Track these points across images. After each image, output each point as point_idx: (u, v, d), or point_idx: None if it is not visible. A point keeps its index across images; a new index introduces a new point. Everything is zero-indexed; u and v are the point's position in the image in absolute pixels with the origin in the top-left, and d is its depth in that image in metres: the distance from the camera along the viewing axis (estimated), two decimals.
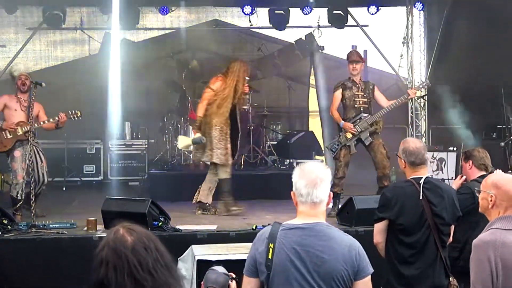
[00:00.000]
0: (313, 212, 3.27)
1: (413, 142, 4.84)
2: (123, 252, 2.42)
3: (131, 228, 2.51)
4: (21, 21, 13.19)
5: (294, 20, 13.15)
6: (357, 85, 8.77)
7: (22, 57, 13.36)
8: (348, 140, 8.65)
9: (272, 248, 3.21)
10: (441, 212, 4.62)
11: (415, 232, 4.62)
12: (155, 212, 7.24)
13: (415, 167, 4.73)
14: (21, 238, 6.98)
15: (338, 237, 3.24)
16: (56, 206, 9.60)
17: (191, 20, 13.87)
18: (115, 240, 2.46)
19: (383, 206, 4.74)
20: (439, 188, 4.71)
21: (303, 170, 3.32)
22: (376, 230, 4.80)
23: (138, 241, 2.45)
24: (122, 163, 12.54)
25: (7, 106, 8.51)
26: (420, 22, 13.61)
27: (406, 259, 4.64)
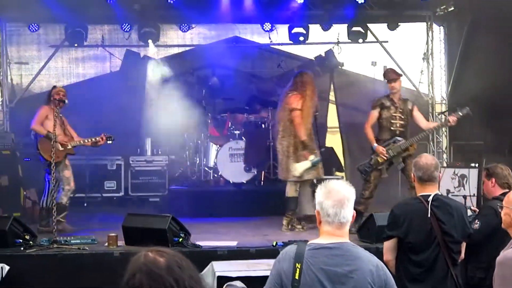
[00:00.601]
0: (338, 232, 3.24)
1: (425, 158, 4.80)
2: (158, 274, 2.39)
3: (160, 250, 2.50)
4: (44, 39, 13.36)
5: (314, 36, 13.18)
6: (395, 104, 8.56)
7: (45, 74, 13.51)
8: (380, 164, 8.52)
9: (299, 268, 3.16)
10: (450, 230, 4.57)
11: (424, 250, 4.58)
12: (176, 228, 7.26)
13: (422, 183, 4.70)
14: (43, 254, 7.02)
15: (365, 257, 3.21)
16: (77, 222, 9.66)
17: (211, 37, 13.95)
18: (147, 263, 2.44)
19: (392, 224, 4.72)
20: (448, 205, 4.66)
21: (329, 190, 3.26)
22: (385, 248, 4.78)
23: (171, 261, 2.44)
24: (142, 179, 12.59)
25: (48, 118, 8.72)
26: (441, 38, 13.59)
27: (416, 277, 4.60)
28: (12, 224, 7.14)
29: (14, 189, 10.24)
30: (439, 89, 13.64)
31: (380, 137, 8.65)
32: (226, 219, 9.66)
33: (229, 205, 10.22)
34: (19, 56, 13.46)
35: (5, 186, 10.11)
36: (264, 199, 10.59)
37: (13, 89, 13.19)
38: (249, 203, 10.45)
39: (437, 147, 13.25)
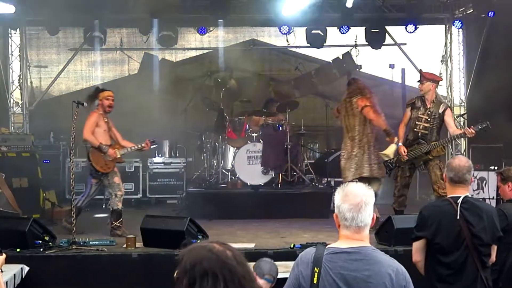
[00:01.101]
0: (357, 236, 3.21)
1: (459, 159, 4.75)
2: (231, 264, 2.41)
3: (224, 243, 2.52)
4: (63, 42, 13.50)
5: (332, 39, 13.17)
6: (426, 106, 8.48)
7: (64, 77, 13.66)
8: (402, 162, 8.55)
9: (318, 272, 3.14)
10: (480, 233, 4.52)
11: (452, 251, 4.54)
12: (194, 230, 7.28)
13: (453, 185, 4.66)
14: (62, 255, 7.07)
15: (385, 261, 3.17)
16: (96, 223, 9.73)
17: (229, 40, 14.01)
18: (219, 253, 2.44)
19: (420, 225, 4.69)
20: (478, 208, 4.61)
21: (347, 193, 3.22)
22: (414, 249, 4.75)
23: (238, 255, 2.47)
24: (160, 181, 12.65)
25: (98, 125, 8.73)
26: (459, 40, 13.53)
27: (445, 278, 4.56)
28: (31, 225, 7.20)
29: (34, 191, 10.32)
30: (458, 92, 13.57)
31: (408, 136, 8.67)
32: (244, 221, 9.66)
33: (246, 207, 10.22)
34: (39, 59, 13.61)
35: (24, 188, 10.19)
36: (281, 201, 10.59)
37: (32, 92, 13.32)
38: (266, 206, 10.46)
39: (455, 149, 13.18)
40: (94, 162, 8.66)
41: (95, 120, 8.69)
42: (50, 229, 7.70)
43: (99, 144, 8.60)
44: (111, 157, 8.66)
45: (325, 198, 10.75)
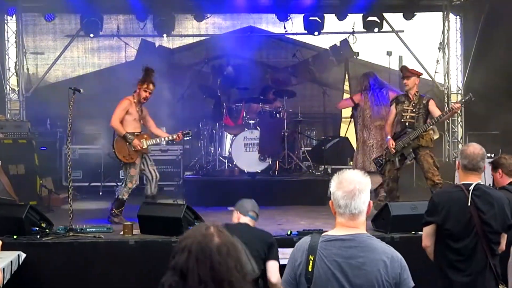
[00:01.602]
0: (352, 223, 3.21)
1: (473, 147, 4.75)
2: (209, 248, 2.52)
3: (221, 231, 2.61)
4: (59, 29, 13.45)
5: (329, 26, 13.14)
6: (410, 99, 8.76)
7: (60, 64, 13.61)
8: (392, 155, 8.75)
9: (312, 260, 3.14)
10: (490, 220, 4.53)
11: (462, 238, 4.57)
12: (190, 217, 7.28)
13: (466, 172, 4.68)
14: (59, 242, 7.06)
15: (380, 248, 3.18)
16: (93, 210, 9.73)
17: (226, 27, 13.96)
18: (205, 235, 2.56)
19: (431, 210, 4.71)
20: (490, 195, 4.62)
21: (341, 180, 3.22)
22: (424, 234, 4.78)
23: (224, 245, 2.54)
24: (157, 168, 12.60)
25: (128, 112, 8.63)
26: (457, 27, 13.52)
27: (455, 264, 4.60)
28: (28, 212, 7.19)
29: (31, 178, 10.30)
30: (455, 79, 13.59)
31: (396, 130, 8.92)
32: None
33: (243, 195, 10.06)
34: (35, 46, 13.55)
35: (21, 175, 10.17)
36: (278, 188, 10.60)
37: (29, 78, 13.28)
38: (263, 193, 10.43)
39: (452, 137, 13.20)
40: (117, 151, 8.57)
41: (125, 107, 8.59)
42: (47, 216, 7.69)
43: (124, 134, 8.48)
44: (136, 147, 8.55)
45: (322, 185, 10.75)
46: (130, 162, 8.57)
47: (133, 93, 8.73)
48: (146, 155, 8.84)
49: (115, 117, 8.54)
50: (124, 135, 8.49)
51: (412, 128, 8.64)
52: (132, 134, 8.53)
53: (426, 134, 8.61)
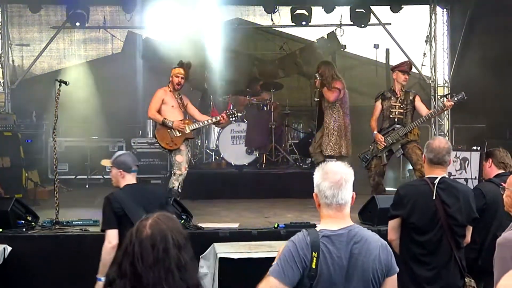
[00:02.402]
0: (339, 214, 3.21)
1: (439, 141, 4.76)
2: (133, 242, 2.59)
3: (159, 222, 2.64)
4: (45, 20, 13.34)
5: (316, 18, 13.12)
6: (396, 95, 8.75)
7: (46, 56, 13.51)
8: (379, 151, 8.72)
9: (316, 257, 3.12)
10: (455, 213, 4.56)
11: (427, 231, 4.58)
12: (178, 210, 7.27)
13: (432, 165, 4.69)
14: (45, 235, 7.04)
15: (371, 237, 3.22)
16: (79, 203, 9.69)
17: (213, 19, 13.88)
18: (138, 226, 2.64)
19: (396, 204, 4.73)
20: (455, 188, 4.65)
21: (326, 171, 3.23)
22: (389, 227, 4.80)
23: (150, 238, 2.59)
24: (144, 161, 12.60)
25: (164, 102, 8.60)
26: (444, 20, 13.54)
27: (419, 257, 4.61)
28: (14, 205, 7.15)
29: (16, 171, 10.25)
30: (442, 72, 13.62)
31: (382, 126, 8.86)
32: (228, 201, 9.67)
33: (230, 187, 10.25)
34: (20, 37, 13.44)
35: (7, 168, 10.12)
36: (265, 181, 10.62)
37: (14, 70, 13.18)
38: (250, 186, 10.47)
39: (438, 130, 13.24)
40: (160, 139, 8.56)
41: (159, 97, 8.60)
42: (33, 209, 7.66)
43: (163, 120, 8.47)
44: (179, 132, 8.49)
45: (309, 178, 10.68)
46: (175, 148, 8.49)
47: (168, 83, 8.73)
48: (190, 144, 8.81)
49: (150, 108, 8.59)
50: (162, 121, 8.48)
51: (401, 124, 8.64)
52: (170, 120, 8.48)
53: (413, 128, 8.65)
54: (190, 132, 8.65)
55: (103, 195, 10.33)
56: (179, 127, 8.48)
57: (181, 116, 8.67)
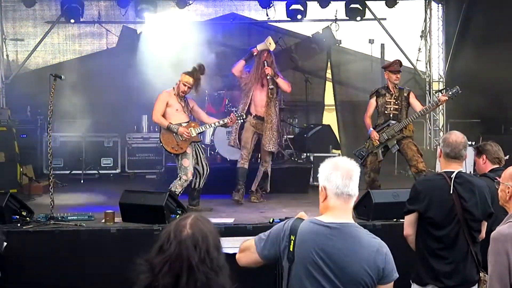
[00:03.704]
0: (345, 206, 3.19)
1: (455, 135, 4.76)
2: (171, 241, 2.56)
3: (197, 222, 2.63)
4: (40, 15, 13.29)
5: (312, 13, 13.11)
6: (390, 92, 8.79)
7: (41, 51, 13.47)
8: (375, 147, 8.75)
9: (294, 240, 3.15)
10: (471, 208, 4.56)
11: (444, 226, 4.59)
12: (173, 205, 7.26)
13: (448, 160, 4.69)
14: (40, 230, 7.02)
15: (366, 241, 3.17)
16: (74, 198, 9.68)
17: (208, 14, 13.87)
18: (176, 226, 2.61)
19: (413, 199, 4.72)
20: (471, 183, 4.64)
21: (337, 163, 3.22)
22: (406, 223, 4.79)
23: (192, 237, 2.57)
24: (139, 156, 12.62)
25: (168, 105, 8.48)
26: (439, 15, 13.56)
27: (436, 252, 4.62)
28: (9, 200, 7.13)
29: (11, 166, 10.23)
30: (437, 67, 13.64)
31: (377, 122, 8.90)
32: (223, 196, 9.66)
33: (225, 183, 10.21)
34: (15, 32, 13.39)
35: (1, 163, 10.10)
36: None
37: (9, 65, 13.13)
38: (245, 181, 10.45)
39: (433, 125, 13.27)
40: (165, 143, 8.44)
41: (163, 100, 8.47)
42: (28, 204, 7.64)
43: (168, 125, 8.35)
44: (184, 136, 8.39)
45: (304, 173, 10.79)
46: (181, 152, 8.40)
47: (173, 86, 8.63)
48: (199, 146, 8.73)
49: (155, 111, 8.49)
50: (167, 126, 8.35)
51: (397, 120, 8.68)
52: (178, 125, 8.39)
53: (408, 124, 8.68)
54: (196, 136, 8.53)
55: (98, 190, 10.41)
56: (184, 134, 8.36)
57: (186, 119, 8.56)
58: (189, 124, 8.52)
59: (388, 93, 8.79)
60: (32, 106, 12.45)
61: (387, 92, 8.80)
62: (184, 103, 8.59)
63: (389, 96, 8.77)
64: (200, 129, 8.60)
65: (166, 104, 8.46)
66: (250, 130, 9.36)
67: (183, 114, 8.55)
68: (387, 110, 8.75)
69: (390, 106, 8.73)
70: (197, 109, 8.84)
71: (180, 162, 8.41)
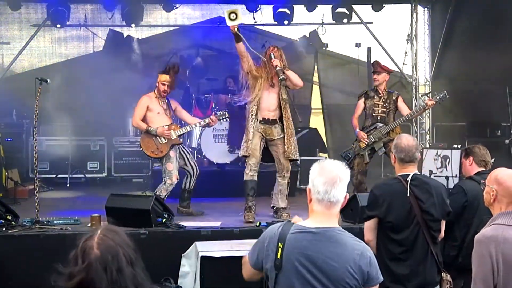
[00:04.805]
0: (328, 212, 3.18)
1: (406, 139, 4.82)
2: (79, 266, 2.38)
3: (104, 239, 2.40)
4: (25, 18, 13.21)
5: (298, 17, 13.15)
6: (379, 94, 8.80)
7: (27, 54, 13.39)
8: (362, 149, 8.76)
9: (281, 248, 3.14)
10: (430, 209, 4.63)
11: (404, 229, 4.63)
12: (159, 208, 7.25)
13: (403, 164, 4.75)
14: (25, 234, 6.98)
15: (350, 244, 3.16)
16: (60, 202, 9.63)
17: (195, 17, 13.87)
18: (83, 247, 2.40)
19: (372, 204, 4.76)
20: (427, 184, 4.72)
21: (323, 167, 3.20)
22: (366, 228, 4.82)
23: (100, 258, 2.35)
24: (126, 160, 12.56)
25: (149, 109, 8.45)
26: (425, 19, 13.63)
27: (397, 256, 4.65)
28: None
29: None
30: (423, 71, 13.70)
31: (364, 124, 8.90)
32: (210, 200, 9.65)
33: (212, 186, 10.21)
34: (0, 35, 13.32)
35: None
36: None
37: None
38: (232, 184, 10.42)
39: (420, 128, 13.32)
40: (145, 148, 8.42)
41: (143, 104, 8.45)
42: (13, 208, 7.59)
43: (146, 127, 8.33)
44: (164, 139, 8.34)
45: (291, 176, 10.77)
46: (161, 156, 8.37)
47: (154, 89, 8.60)
48: (184, 148, 8.70)
49: (134, 116, 8.47)
50: (146, 129, 8.33)
51: (384, 123, 8.70)
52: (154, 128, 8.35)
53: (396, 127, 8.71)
54: (177, 138, 8.49)
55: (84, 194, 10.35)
56: (164, 134, 8.33)
57: (168, 122, 8.52)
58: (169, 126, 8.49)
59: (377, 95, 8.80)
60: (17, 109, 12.39)
61: (376, 94, 8.82)
62: (166, 105, 8.57)
63: (377, 99, 8.78)
64: (180, 131, 8.57)
65: (146, 109, 8.45)
66: (257, 136, 8.14)
67: (165, 116, 8.54)
68: (375, 113, 8.77)
69: (378, 109, 8.75)
70: (180, 110, 8.84)
71: (164, 166, 8.39)
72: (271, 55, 8.10)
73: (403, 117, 8.73)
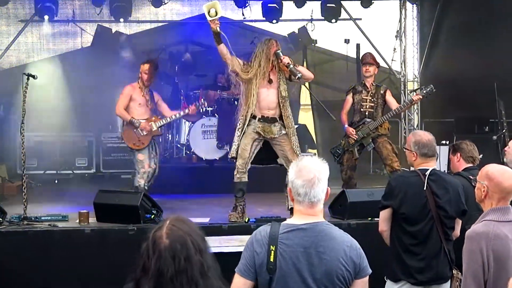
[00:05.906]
0: (311, 211, 3.18)
1: (425, 134, 4.86)
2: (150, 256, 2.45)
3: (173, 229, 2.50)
4: (13, 13, 13.14)
5: (287, 13, 13.14)
6: (367, 89, 8.78)
7: (14, 50, 13.32)
8: (351, 145, 8.76)
9: (274, 250, 3.12)
10: (445, 205, 4.64)
11: (418, 222, 4.66)
12: (148, 205, 7.23)
13: (426, 159, 4.77)
14: (13, 231, 6.95)
15: (339, 237, 3.18)
16: (48, 199, 9.59)
17: (184, 13, 13.83)
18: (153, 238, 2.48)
19: (387, 195, 4.80)
20: (445, 180, 4.74)
21: (300, 168, 3.18)
22: (381, 218, 4.86)
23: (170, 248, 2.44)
24: (114, 156, 12.52)
25: (132, 99, 8.53)
26: (413, 16, 13.66)
27: (410, 248, 4.69)
28: None
29: None
30: (412, 67, 13.73)
31: (352, 119, 8.90)
32: (199, 196, 9.64)
33: (201, 182, 10.21)
34: None
35: None
36: None
37: None
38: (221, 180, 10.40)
39: (408, 124, 13.35)
40: (127, 139, 8.49)
41: (127, 94, 8.54)
42: (0, 204, 7.56)
43: (130, 119, 8.40)
44: (145, 131, 8.42)
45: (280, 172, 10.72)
46: (143, 148, 8.45)
47: (137, 80, 8.70)
48: (156, 144, 8.80)
49: (118, 105, 8.52)
50: (130, 120, 8.42)
51: (372, 118, 8.70)
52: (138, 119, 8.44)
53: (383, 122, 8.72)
54: (157, 129, 8.63)
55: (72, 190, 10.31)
56: (146, 128, 8.46)
57: (147, 114, 8.62)
58: (149, 119, 8.59)
59: (365, 90, 8.80)
60: (5, 105, 12.32)
61: (364, 89, 8.81)
62: (148, 97, 8.64)
63: (365, 93, 8.78)
64: (161, 122, 8.68)
65: (129, 98, 8.53)
66: (250, 136, 7.71)
67: (146, 108, 8.62)
68: (363, 108, 8.76)
69: (366, 104, 8.75)
70: (161, 103, 8.91)
71: (136, 157, 8.52)
72: (279, 53, 7.60)
73: (391, 112, 8.74)
